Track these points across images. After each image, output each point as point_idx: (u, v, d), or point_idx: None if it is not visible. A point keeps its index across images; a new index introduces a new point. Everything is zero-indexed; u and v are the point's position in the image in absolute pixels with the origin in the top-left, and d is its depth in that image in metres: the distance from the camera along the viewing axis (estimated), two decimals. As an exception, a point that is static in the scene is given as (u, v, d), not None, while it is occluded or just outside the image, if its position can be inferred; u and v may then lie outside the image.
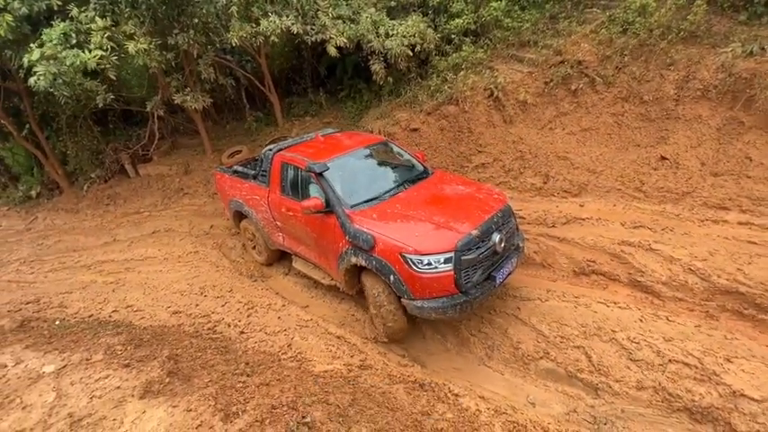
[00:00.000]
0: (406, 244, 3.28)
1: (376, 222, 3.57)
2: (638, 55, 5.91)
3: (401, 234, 3.40)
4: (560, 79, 6.30)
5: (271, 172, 4.61)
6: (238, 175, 5.33)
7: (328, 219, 3.88)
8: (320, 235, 4.06)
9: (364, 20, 6.44)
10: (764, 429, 2.58)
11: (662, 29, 5.71)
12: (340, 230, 3.74)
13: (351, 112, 8.29)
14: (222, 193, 5.77)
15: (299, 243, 4.57)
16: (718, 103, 5.37)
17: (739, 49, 5.26)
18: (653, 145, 5.72)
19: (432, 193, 4.02)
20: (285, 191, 4.46)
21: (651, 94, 5.81)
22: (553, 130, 6.41)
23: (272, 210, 4.67)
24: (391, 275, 3.37)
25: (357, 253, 3.59)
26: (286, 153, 4.54)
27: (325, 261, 4.21)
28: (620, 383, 3.13)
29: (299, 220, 4.23)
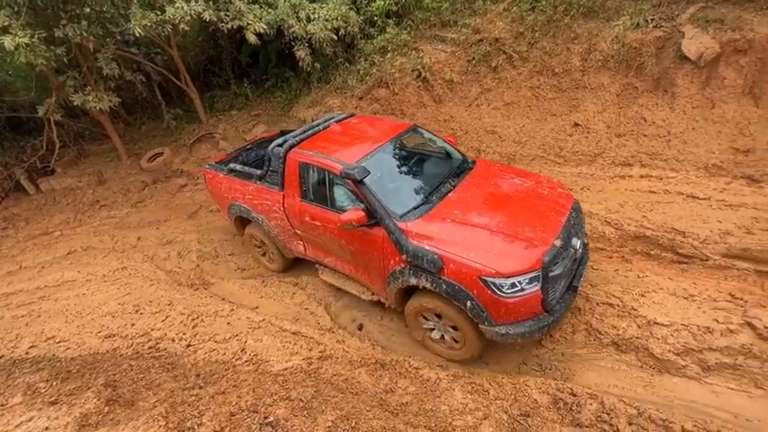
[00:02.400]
0: (485, 265, 2.76)
1: (439, 237, 2.99)
2: (547, 31, 6.37)
3: (475, 251, 2.85)
4: (481, 57, 6.59)
5: (285, 174, 3.86)
6: (238, 174, 4.49)
7: (372, 232, 3.25)
8: (361, 250, 3.45)
9: (282, 4, 6.16)
10: (673, 348, 3.02)
11: (565, 5, 6.18)
12: (392, 247, 3.14)
13: (280, 102, 7.97)
14: (217, 195, 4.91)
15: (328, 254, 3.95)
16: (616, 72, 5.99)
17: (628, 21, 5.88)
18: (567, 113, 6.25)
19: (488, 192, 3.47)
20: (307, 196, 3.75)
21: (561, 66, 6.30)
22: (480, 106, 6.72)
23: (291, 217, 3.96)
24: (468, 301, 2.85)
25: (418, 274, 3.03)
26: (304, 151, 3.73)
27: (366, 276, 3.64)
28: (559, 331, 3.47)
29: (330, 231, 3.58)
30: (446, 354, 3.42)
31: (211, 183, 4.90)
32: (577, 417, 2.66)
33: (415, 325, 3.47)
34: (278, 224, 4.21)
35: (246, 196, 4.38)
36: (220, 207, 5.12)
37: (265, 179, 4.12)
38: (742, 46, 5.23)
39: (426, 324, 3.42)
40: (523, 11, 6.53)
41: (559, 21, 6.24)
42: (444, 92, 6.75)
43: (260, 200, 4.23)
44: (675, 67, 5.61)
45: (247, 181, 4.34)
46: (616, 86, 6.01)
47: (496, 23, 6.65)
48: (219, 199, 4.92)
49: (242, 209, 4.51)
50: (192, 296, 4.62)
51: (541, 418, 2.68)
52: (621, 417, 2.59)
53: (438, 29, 7.22)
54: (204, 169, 5.03)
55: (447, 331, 3.33)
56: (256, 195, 4.26)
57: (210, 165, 4.98)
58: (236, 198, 4.52)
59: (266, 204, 4.18)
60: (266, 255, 4.90)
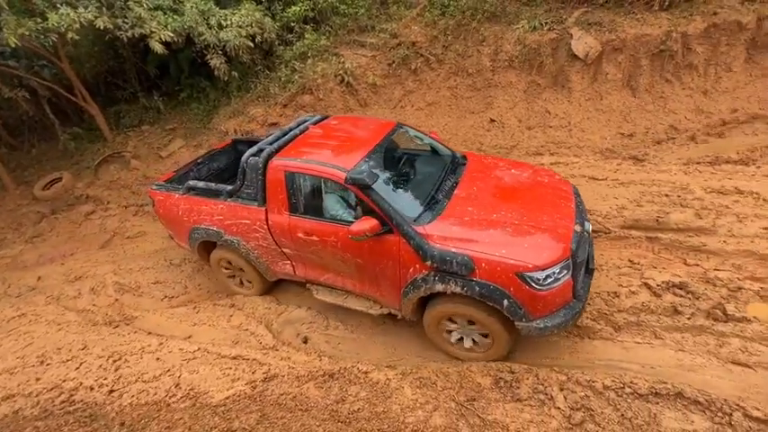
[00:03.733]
0: (520, 260, 2.66)
1: (463, 237, 2.84)
2: (458, 34, 6.77)
3: (505, 248, 2.74)
4: (401, 60, 6.80)
5: (266, 186, 3.45)
6: (201, 193, 3.95)
7: (384, 241, 3.00)
8: (370, 262, 3.17)
9: (189, 10, 5.79)
10: (590, 315, 3.38)
11: (471, 10, 6.63)
12: (410, 254, 2.92)
13: (198, 113, 7.47)
14: (171, 220, 4.24)
15: (325, 271, 3.60)
16: (521, 70, 6.56)
17: (527, 25, 6.48)
18: (483, 110, 6.71)
19: (492, 186, 3.41)
20: (297, 210, 3.39)
21: (474, 67, 6.75)
22: (404, 107, 6.93)
23: (278, 235, 3.56)
24: (504, 300, 2.72)
25: (446, 279, 2.83)
26: (288, 159, 3.37)
27: (375, 289, 3.37)
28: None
29: (331, 245, 3.27)
30: (469, 357, 3.27)
31: (163, 206, 4.21)
32: (517, 392, 2.86)
33: (437, 333, 3.26)
34: (259, 245, 3.75)
35: (215, 217, 3.84)
36: (176, 233, 4.41)
37: (239, 195, 3.66)
38: (618, 45, 6.04)
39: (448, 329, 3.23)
40: (435, 16, 6.88)
41: (468, 25, 6.68)
42: (369, 95, 6.85)
43: (233, 219, 3.73)
44: (569, 65, 6.30)
45: (214, 199, 3.81)
46: (522, 84, 6.58)
47: (412, 28, 6.92)
48: (175, 224, 4.24)
49: (209, 232, 3.93)
50: (111, 335, 4.13)
51: (486, 399, 2.83)
52: (554, 385, 2.83)
53: (357, 34, 7.32)
54: (151, 191, 4.33)
55: (471, 334, 3.17)
56: (229, 215, 3.75)
57: (159, 185, 4.32)
58: (201, 220, 3.95)
59: (243, 224, 3.70)
60: (238, 279, 4.39)
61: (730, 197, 4.26)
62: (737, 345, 2.94)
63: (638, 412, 2.60)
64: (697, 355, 2.97)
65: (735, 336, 3.00)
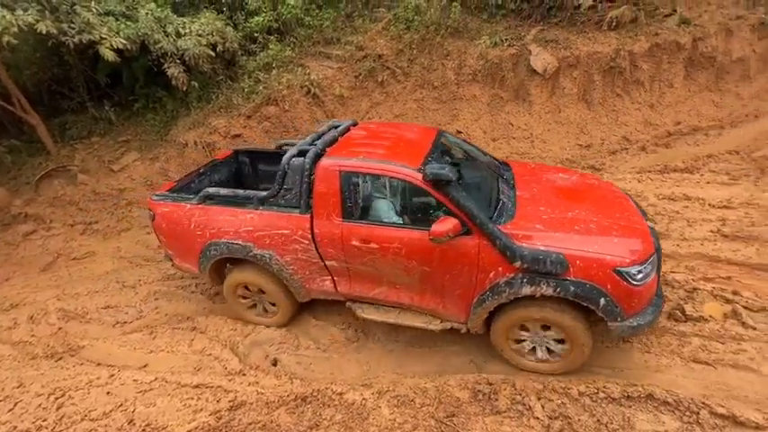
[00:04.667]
0: (616, 255, 2.59)
1: (548, 236, 2.72)
2: (423, 48, 6.90)
3: (597, 244, 2.66)
4: (367, 72, 6.82)
5: (314, 190, 3.08)
6: (222, 202, 3.49)
7: (461, 244, 2.78)
8: (439, 269, 2.92)
9: (144, 17, 5.49)
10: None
11: (434, 25, 6.79)
12: (492, 257, 2.73)
13: (154, 125, 7.07)
14: (178, 235, 3.66)
15: (377, 284, 3.27)
16: (485, 84, 6.77)
17: (488, 41, 6.72)
18: (449, 122, 6.83)
19: (551, 188, 3.33)
20: (352, 215, 3.07)
21: (439, 80, 6.88)
22: (371, 119, 6.92)
23: (325, 245, 3.17)
24: (602, 299, 2.59)
25: (536, 281, 2.65)
26: (343, 159, 3.06)
27: (438, 301, 3.11)
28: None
29: (393, 252, 2.97)
30: (543, 369, 3.08)
31: (168, 219, 3.64)
32: (495, 404, 2.82)
33: (506, 343, 3.08)
34: (296, 258, 3.32)
35: (242, 229, 3.36)
36: (181, 252, 3.81)
37: (275, 202, 3.27)
38: (573, 61, 6.39)
39: (520, 338, 3.05)
40: (400, 30, 6.98)
41: (432, 39, 6.82)
42: (336, 107, 6.79)
43: (267, 230, 3.29)
44: (529, 79, 6.58)
45: (242, 208, 3.37)
46: (486, 97, 6.79)
47: (378, 41, 6.97)
48: (182, 240, 3.67)
49: (233, 247, 3.42)
50: (53, 369, 3.71)
51: (465, 414, 2.77)
52: (531, 394, 2.82)
53: (322, 46, 7.27)
54: (151, 202, 3.72)
55: (545, 342, 2.99)
56: (261, 225, 3.30)
57: (161, 195, 3.73)
58: (221, 234, 3.44)
59: (279, 235, 3.27)
60: (259, 306, 3.86)
61: (680, 203, 4.55)
62: (697, 343, 3.08)
63: (613, 417, 2.64)
64: (662, 356, 3.08)
65: (694, 335, 3.15)
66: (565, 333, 2.82)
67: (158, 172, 6.43)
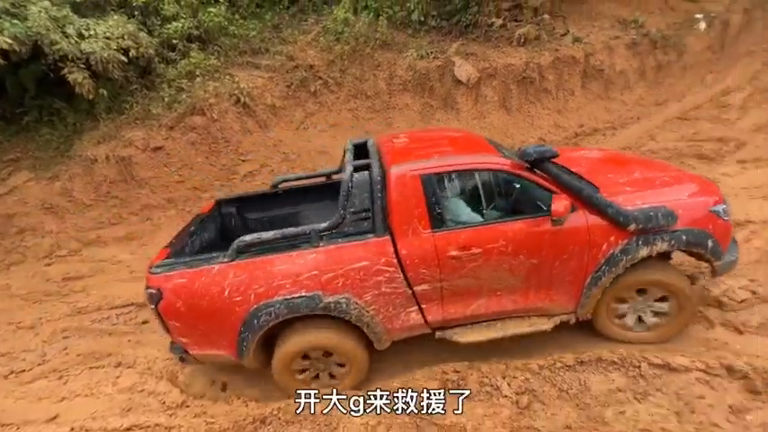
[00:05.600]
0: (705, 197, 2.77)
1: (640, 196, 2.74)
2: (354, 59, 7.03)
3: (683, 193, 2.81)
4: (299, 83, 6.72)
5: (391, 204, 2.68)
6: (267, 249, 2.75)
7: (570, 223, 2.63)
8: (548, 257, 2.73)
9: (37, 14, 4.78)
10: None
11: (364, 37, 6.98)
12: (602, 229, 2.63)
13: (50, 140, 6.11)
14: (208, 311, 2.69)
15: (476, 298, 2.89)
16: (415, 93, 7.09)
17: (415, 53, 7.09)
18: (384, 130, 6.98)
19: (595, 160, 3.52)
20: (442, 223, 2.73)
21: (371, 90, 7.04)
22: (307, 129, 6.81)
23: (415, 266, 2.69)
24: (709, 240, 2.68)
25: (650, 240, 2.62)
26: (418, 163, 2.72)
27: (545, 295, 2.89)
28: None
29: (497, 252, 2.68)
30: (646, 338, 3.03)
31: (186, 294, 2.66)
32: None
33: (608, 320, 3.02)
34: (378, 294, 2.75)
35: (303, 276, 2.66)
36: (203, 336, 2.82)
37: (340, 232, 2.75)
38: (491, 72, 7.00)
39: (620, 312, 3.01)
40: (330, 41, 7.04)
41: (363, 51, 6.99)
42: (269, 117, 6.55)
43: (338, 269, 2.67)
44: (455, 89, 7.04)
45: (295, 251, 2.70)
46: (417, 105, 7.10)
47: (308, 52, 6.95)
48: (211, 317, 2.72)
49: (293, 304, 2.65)
50: None
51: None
52: (497, 375, 2.89)
53: (250, 56, 7.03)
54: (154, 277, 2.68)
55: (648, 307, 2.96)
56: (329, 264, 2.67)
57: (165, 264, 2.73)
58: (273, 291, 2.66)
59: (355, 270, 2.68)
60: (323, 376, 3.05)
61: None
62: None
63: (572, 383, 2.81)
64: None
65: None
66: (667, 290, 2.84)
67: (60, 193, 5.54)
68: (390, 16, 7.45)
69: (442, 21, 7.65)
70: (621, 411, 2.58)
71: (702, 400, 2.52)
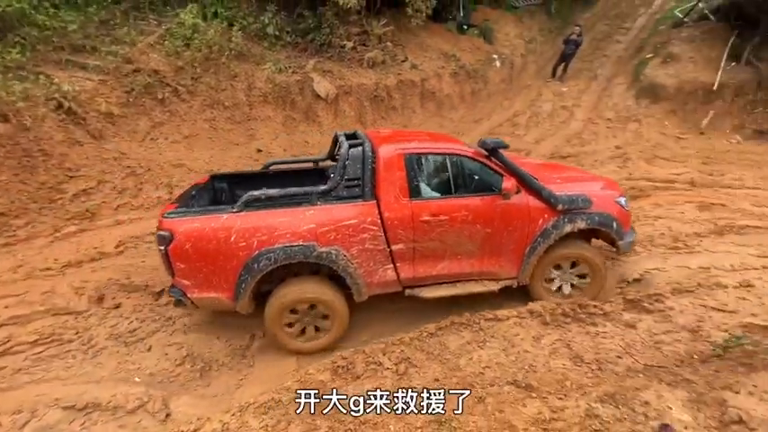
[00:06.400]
0: (612, 191, 3.67)
1: (565, 187, 3.55)
2: (208, 67, 6.70)
3: (595, 187, 3.67)
4: (143, 89, 6.04)
5: (378, 176, 3.25)
6: (273, 204, 3.16)
7: (514, 201, 3.38)
8: (499, 227, 3.44)
9: None
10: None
11: (218, 46, 6.73)
12: (539, 208, 3.42)
13: None
14: (213, 254, 3.03)
15: (440, 260, 3.52)
16: (277, 105, 7.22)
17: (273, 67, 7.22)
18: (247, 141, 6.89)
19: (533, 165, 4.13)
20: (418, 193, 3.37)
21: (230, 100, 6.85)
22: (156, 140, 6.16)
23: (394, 227, 3.28)
24: (614, 222, 3.51)
25: (573, 218, 3.44)
26: (402, 144, 3.39)
27: (495, 261, 3.59)
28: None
29: (461, 221, 3.36)
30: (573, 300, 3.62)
31: (195, 236, 3.02)
32: (354, 371, 3.22)
33: (541, 286, 3.74)
34: (363, 249, 3.29)
35: (302, 228, 3.13)
36: (205, 277, 3.14)
37: (336, 195, 3.25)
38: (347, 89, 7.70)
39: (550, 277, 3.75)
40: (177, 46, 6.54)
41: (217, 60, 6.73)
42: (104, 126, 5.68)
43: (332, 224, 3.18)
44: (315, 103, 7.47)
45: (299, 207, 3.18)
46: (280, 117, 7.24)
47: (150, 55, 6.29)
48: (214, 260, 3.08)
49: (291, 251, 3.10)
50: None
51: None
52: (378, 353, 3.35)
53: (69, 53, 5.92)
54: (167, 221, 3.03)
55: (571, 279, 3.76)
56: (325, 220, 3.17)
57: (176, 212, 3.11)
58: (274, 239, 3.10)
59: (345, 227, 3.20)
60: (309, 330, 3.49)
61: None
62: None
63: (435, 345, 3.50)
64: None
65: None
66: (588, 264, 3.65)
67: None
68: (244, 27, 7.38)
69: (297, 37, 7.99)
70: (470, 358, 3.38)
71: (517, 336, 3.52)
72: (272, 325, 3.34)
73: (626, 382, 2.39)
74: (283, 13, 8.10)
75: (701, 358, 2.49)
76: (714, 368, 2.31)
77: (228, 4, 7.62)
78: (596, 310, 3.62)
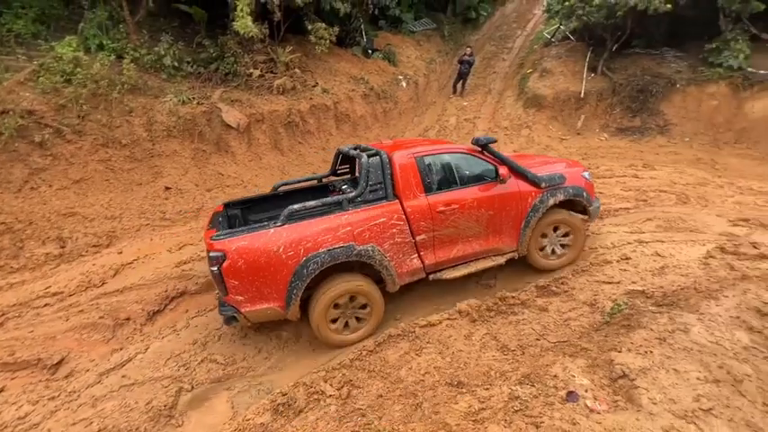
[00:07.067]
0: (578, 168, 4.47)
1: (542, 169, 4.22)
2: (97, 104, 6.09)
3: (564, 167, 4.43)
4: (14, 132, 5.27)
5: (396, 177, 3.76)
6: (309, 214, 3.55)
7: (508, 185, 4.01)
8: (500, 208, 4.03)
9: None
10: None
11: (107, 80, 6.17)
12: (528, 188, 4.06)
13: None
14: (264, 268, 3.34)
15: (455, 243, 4.02)
16: (183, 139, 6.80)
17: (175, 99, 6.82)
18: (153, 180, 6.36)
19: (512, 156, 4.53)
20: (431, 188, 3.87)
21: (127, 137, 6.28)
22: (37, 188, 5.39)
23: (416, 220, 3.76)
24: (584, 192, 4.23)
25: (554, 192, 4.11)
26: (411, 149, 3.92)
27: (498, 238, 4.16)
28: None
29: (469, 206, 3.91)
30: (556, 263, 4.42)
31: (247, 253, 3.28)
32: (296, 406, 3.12)
33: (537, 251, 4.36)
34: (393, 243, 3.76)
35: (340, 231, 3.51)
36: (258, 290, 3.39)
37: (363, 199, 3.70)
38: (259, 117, 7.56)
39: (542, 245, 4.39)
40: (56, 83, 5.84)
41: (107, 95, 6.16)
42: (-37, 178, 4.82)
43: (365, 225, 3.61)
44: (226, 133, 7.19)
45: (333, 215, 3.55)
46: (188, 151, 6.83)
47: (21, 94, 5.54)
48: (266, 272, 3.35)
49: (334, 253, 3.46)
50: None
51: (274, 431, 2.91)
52: (320, 381, 3.31)
53: None
54: (217, 243, 3.25)
55: (556, 243, 4.41)
56: (358, 221, 3.58)
57: (223, 234, 3.35)
58: (318, 245, 3.43)
59: (377, 225, 3.65)
60: (351, 323, 3.84)
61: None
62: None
63: (375, 362, 3.55)
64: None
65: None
66: (569, 227, 4.32)
67: None
68: (137, 59, 6.88)
69: (200, 67, 7.68)
70: (410, 367, 3.48)
71: (451, 338, 3.73)
72: (319, 322, 3.64)
73: (539, 361, 2.68)
74: (181, 42, 7.73)
75: (595, 327, 2.89)
76: (604, 334, 2.71)
77: (115, 35, 7.06)
78: (515, 301, 4.00)
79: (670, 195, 5.75)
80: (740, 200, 5.44)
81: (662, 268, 3.82)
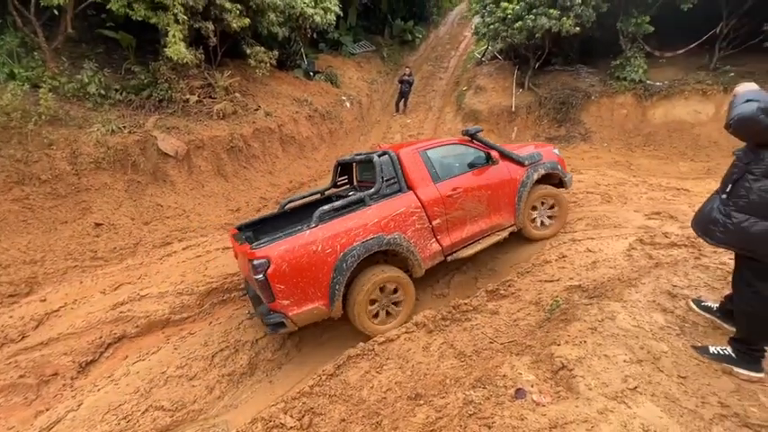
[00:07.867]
0: (550, 150, 5.14)
1: (521, 151, 4.90)
2: (9, 138, 5.53)
3: (538, 148, 5.08)
4: None
5: (406, 170, 4.19)
6: (339, 213, 3.85)
7: (497, 167, 4.58)
8: (497, 187, 4.55)
9: None
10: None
11: (20, 112, 5.63)
12: (515, 168, 4.68)
13: None
14: (307, 267, 3.55)
15: (465, 224, 4.44)
16: (114, 171, 6.34)
17: (102, 128, 6.38)
18: (81, 217, 5.85)
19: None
20: (437, 177, 4.31)
21: (47, 173, 5.74)
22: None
23: (431, 206, 4.17)
24: (558, 166, 4.98)
25: (537, 169, 4.78)
26: (415, 146, 4.40)
27: (499, 215, 4.63)
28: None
29: (471, 188, 4.39)
30: (547, 233, 5.04)
31: (289, 256, 3.49)
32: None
33: (528, 220, 4.91)
34: (415, 230, 4.11)
35: (369, 225, 3.85)
36: (304, 291, 3.60)
37: (381, 194, 4.08)
38: (199, 144, 7.28)
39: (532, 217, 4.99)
40: (-44, 116, 5.24)
41: (21, 128, 5.61)
42: None
43: (389, 215, 3.97)
44: (163, 162, 6.83)
45: (359, 210, 3.90)
46: (121, 183, 6.38)
47: None
48: (309, 272, 3.58)
49: (368, 244, 3.79)
50: None
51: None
52: (280, 413, 3.18)
53: None
54: (259, 252, 3.43)
55: (544, 215, 5.04)
56: (383, 213, 3.95)
57: (263, 242, 3.76)
58: (352, 239, 3.75)
59: (399, 215, 4.02)
60: (382, 313, 4.07)
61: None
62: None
63: (336, 386, 3.47)
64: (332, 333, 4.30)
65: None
66: (552, 199, 4.94)
67: None
68: (56, 87, 6.37)
69: (130, 94, 7.27)
70: (371, 386, 3.45)
71: (410, 351, 3.76)
72: (361, 317, 3.86)
73: (490, 363, 2.79)
74: (107, 69, 7.29)
75: (538, 324, 3.09)
76: (546, 330, 2.90)
77: (29, 63, 6.51)
78: (467, 307, 4.14)
79: (596, 196, 6.33)
80: (652, 196, 6.13)
81: (593, 263, 4.18)
